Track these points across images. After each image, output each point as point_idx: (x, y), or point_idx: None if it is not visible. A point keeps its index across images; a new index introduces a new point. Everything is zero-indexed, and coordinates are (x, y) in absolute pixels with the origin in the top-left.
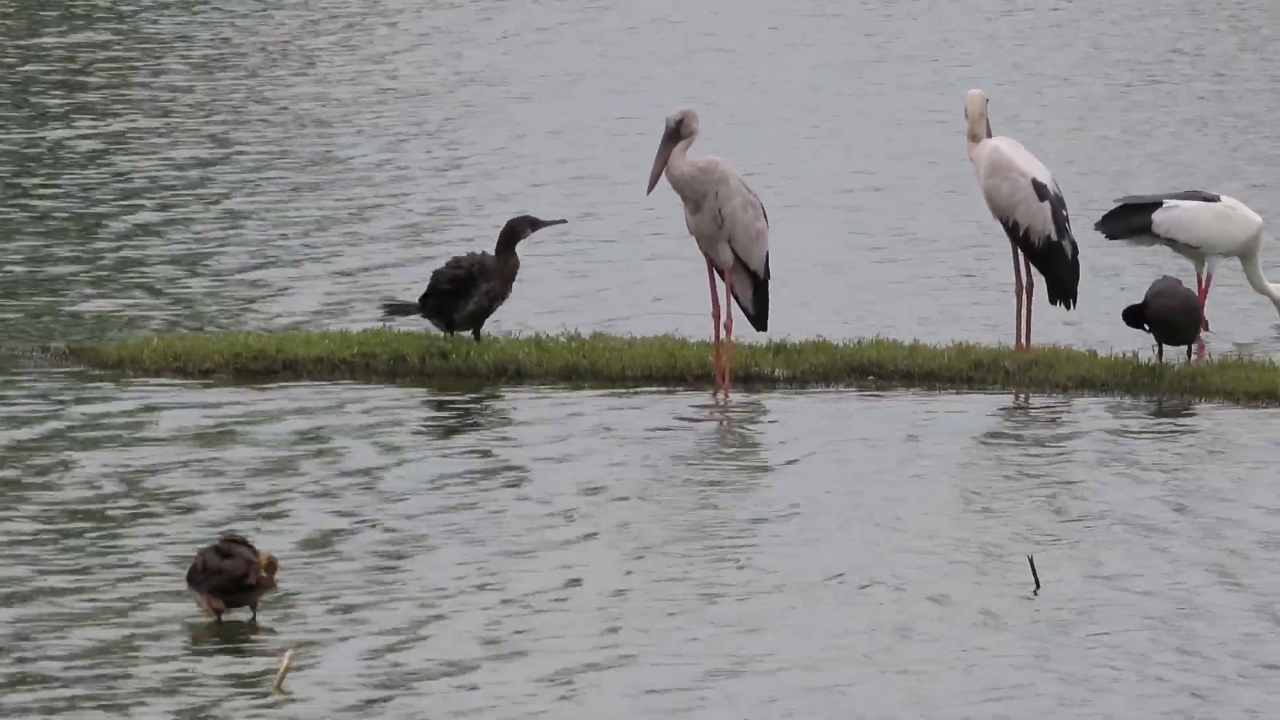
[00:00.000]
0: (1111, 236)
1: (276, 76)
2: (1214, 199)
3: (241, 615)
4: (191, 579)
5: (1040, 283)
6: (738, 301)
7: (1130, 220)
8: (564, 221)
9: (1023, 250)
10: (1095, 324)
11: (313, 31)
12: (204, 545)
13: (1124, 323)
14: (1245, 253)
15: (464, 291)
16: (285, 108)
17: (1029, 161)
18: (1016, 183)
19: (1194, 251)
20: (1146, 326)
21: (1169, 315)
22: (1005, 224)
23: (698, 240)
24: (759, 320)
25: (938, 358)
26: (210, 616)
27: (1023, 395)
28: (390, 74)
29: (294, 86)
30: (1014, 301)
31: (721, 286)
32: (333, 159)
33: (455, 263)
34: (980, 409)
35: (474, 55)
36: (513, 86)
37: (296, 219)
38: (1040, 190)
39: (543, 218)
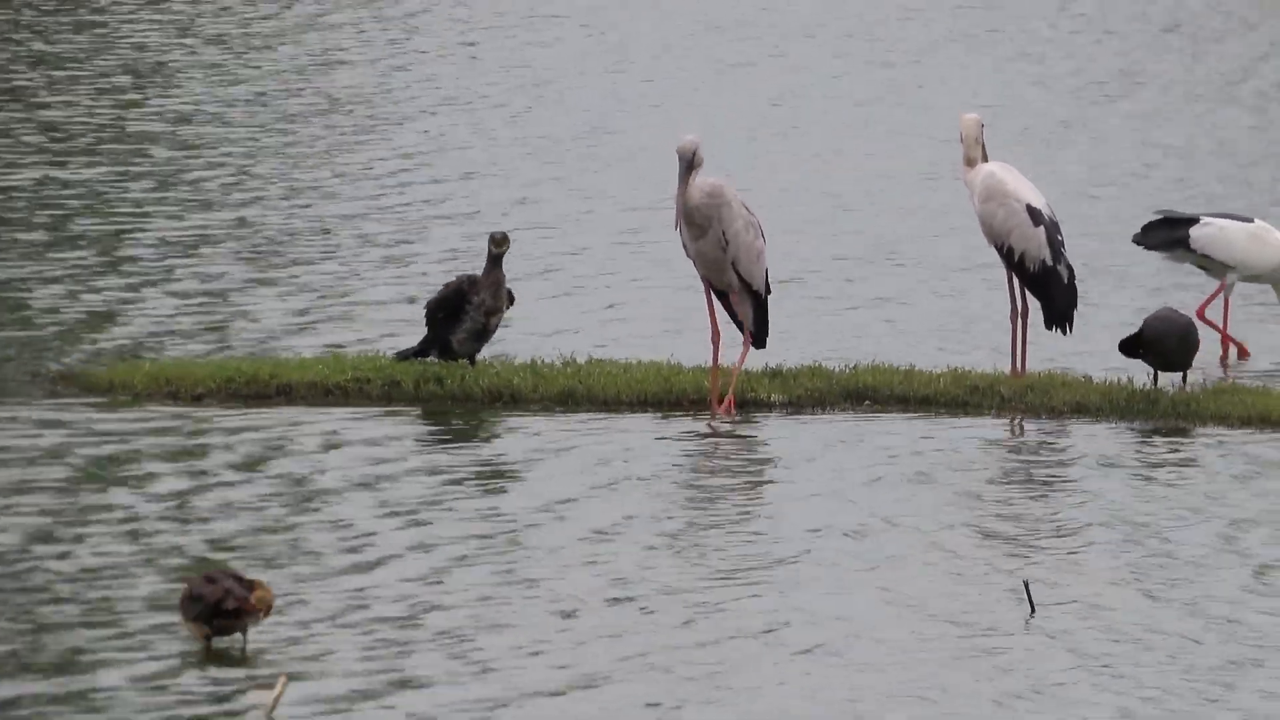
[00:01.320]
0: (1148, 248)
1: (141, 93)
2: (1247, 220)
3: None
4: (181, 606)
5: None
6: (735, 321)
7: (1167, 233)
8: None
9: (1018, 275)
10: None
11: (185, 48)
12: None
13: (1121, 353)
14: (1277, 277)
15: (457, 309)
16: (145, 129)
17: (1024, 186)
18: (1011, 208)
19: (1226, 270)
20: (1142, 353)
21: (1162, 340)
22: (1000, 249)
23: (698, 264)
24: (758, 339)
25: (933, 383)
26: (200, 642)
27: (1017, 420)
28: (258, 94)
29: (156, 103)
30: (1010, 327)
31: (720, 309)
32: (182, 180)
33: (444, 286)
34: (961, 435)
35: (345, 76)
36: (382, 108)
37: (140, 240)
38: (1035, 215)
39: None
